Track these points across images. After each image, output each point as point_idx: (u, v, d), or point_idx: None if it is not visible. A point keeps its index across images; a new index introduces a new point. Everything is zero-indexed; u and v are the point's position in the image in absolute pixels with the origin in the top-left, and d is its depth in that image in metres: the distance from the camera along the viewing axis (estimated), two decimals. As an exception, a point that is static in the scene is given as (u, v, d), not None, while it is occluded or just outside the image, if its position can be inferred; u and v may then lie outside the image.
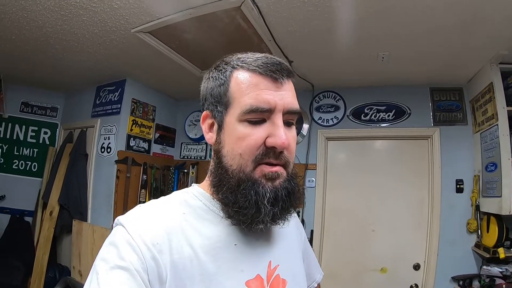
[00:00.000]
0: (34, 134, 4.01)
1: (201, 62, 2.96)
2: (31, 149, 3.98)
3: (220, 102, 0.74)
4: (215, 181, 0.74)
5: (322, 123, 3.49)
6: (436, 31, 2.23)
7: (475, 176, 2.84)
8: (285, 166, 0.71)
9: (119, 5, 2.11)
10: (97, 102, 3.64)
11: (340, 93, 3.47)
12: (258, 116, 0.68)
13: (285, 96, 0.71)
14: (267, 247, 0.78)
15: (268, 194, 0.67)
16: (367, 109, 3.33)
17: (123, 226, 0.65)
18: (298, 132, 3.51)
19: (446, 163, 2.99)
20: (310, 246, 1.06)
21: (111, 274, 0.58)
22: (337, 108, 3.45)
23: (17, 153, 3.92)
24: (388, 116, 3.25)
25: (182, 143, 4.14)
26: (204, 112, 0.79)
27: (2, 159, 3.81)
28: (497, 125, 2.49)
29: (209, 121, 0.78)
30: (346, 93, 3.44)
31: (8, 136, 3.88)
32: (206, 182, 0.79)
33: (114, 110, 3.43)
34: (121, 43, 2.64)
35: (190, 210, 0.73)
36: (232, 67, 0.74)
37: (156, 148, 3.85)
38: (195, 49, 2.70)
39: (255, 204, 0.67)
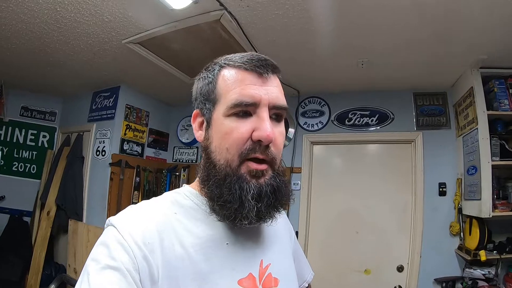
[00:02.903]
0: (33, 137, 4.12)
1: (189, 70, 3.06)
2: (31, 152, 4.10)
3: (208, 100, 0.75)
4: (203, 176, 0.74)
5: (307, 128, 3.56)
6: (412, 41, 2.31)
7: (457, 179, 2.89)
8: (271, 162, 0.71)
9: (110, 18, 2.25)
10: (93, 107, 3.76)
11: (325, 99, 3.54)
12: (243, 109, 0.69)
13: (270, 91, 0.71)
14: (258, 246, 0.78)
15: (252, 191, 0.67)
16: (351, 114, 3.40)
17: (114, 226, 0.65)
18: (285, 136, 3.57)
19: (429, 166, 3.04)
20: (300, 247, 1.07)
21: (102, 274, 0.58)
22: (322, 113, 3.52)
23: (17, 156, 4.04)
24: (372, 120, 3.31)
25: (174, 147, 4.23)
26: (195, 111, 0.81)
27: (3, 161, 3.93)
28: (477, 129, 2.54)
29: (199, 119, 0.80)
30: (331, 99, 3.51)
31: (8, 139, 4.00)
32: (197, 180, 0.80)
33: (108, 115, 3.55)
34: (113, 53, 2.77)
35: (181, 210, 0.73)
36: (219, 66, 0.76)
37: (149, 152, 3.95)
38: (183, 58, 2.82)
39: (239, 199, 0.67)
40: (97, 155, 3.53)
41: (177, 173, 3.95)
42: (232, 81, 0.72)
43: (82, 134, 3.77)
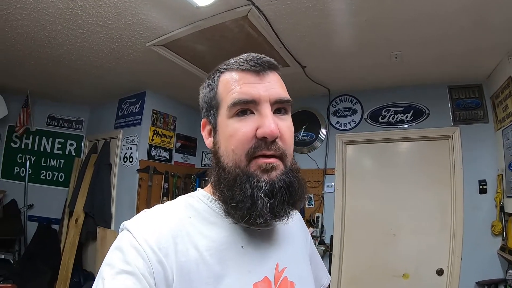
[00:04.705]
0: (60, 146, 4.21)
1: (216, 72, 2.99)
2: (58, 160, 4.18)
3: (212, 106, 0.76)
4: (215, 180, 0.74)
5: (340, 127, 3.48)
6: (448, 32, 2.19)
7: (498, 175, 2.72)
8: (281, 157, 0.70)
9: (132, 21, 2.22)
10: (120, 114, 3.79)
11: (356, 96, 3.44)
12: (242, 107, 0.69)
13: (270, 87, 0.71)
14: (274, 249, 0.77)
15: (264, 187, 0.66)
16: (385, 111, 3.28)
17: (128, 230, 0.65)
18: (316, 137, 3.52)
19: (468, 163, 2.89)
20: (317, 250, 1.04)
21: (117, 279, 0.58)
22: (354, 112, 3.43)
23: (45, 164, 4.13)
24: (406, 117, 3.19)
25: (203, 152, 4.23)
26: (203, 120, 0.81)
27: (31, 170, 4.01)
28: (518, 120, 2.39)
29: (208, 127, 0.80)
30: (363, 96, 3.41)
31: (36, 148, 4.09)
32: (210, 185, 0.79)
33: (135, 121, 3.56)
34: (138, 57, 2.75)
35: (195, 213, 0.73)
36: (219, 72, 0.77)
37: (177, 157, 3.94)
38: (209, 59, 2.76)
39: (250, 197, 0.66)
40: (125, 162, 3.53)
41: (206, 178, 3.85)
42: (230, 83, 0.73)
43: (109, 141, 3.80)
